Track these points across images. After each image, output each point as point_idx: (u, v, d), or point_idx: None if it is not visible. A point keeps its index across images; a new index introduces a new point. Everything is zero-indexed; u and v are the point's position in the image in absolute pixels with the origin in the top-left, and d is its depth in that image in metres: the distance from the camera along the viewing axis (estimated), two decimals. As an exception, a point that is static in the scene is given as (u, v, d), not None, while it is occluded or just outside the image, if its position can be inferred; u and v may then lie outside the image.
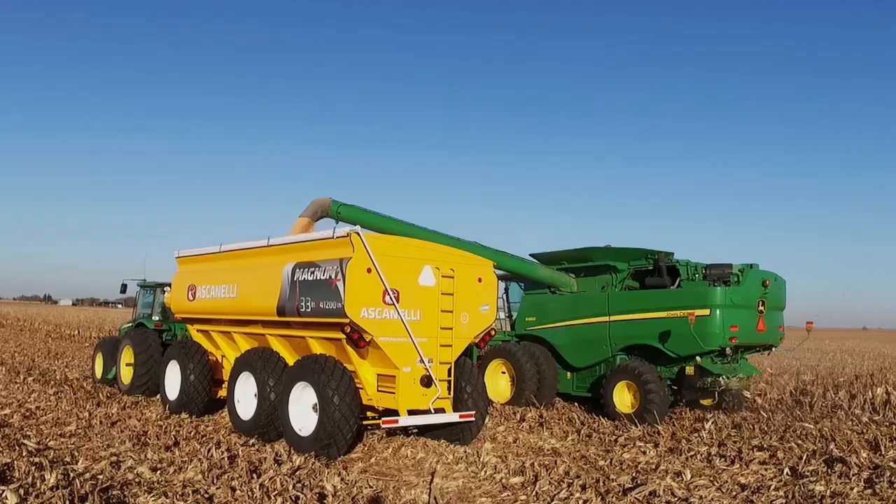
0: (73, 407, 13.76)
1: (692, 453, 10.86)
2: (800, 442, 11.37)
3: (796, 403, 16.10)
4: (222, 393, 13.61)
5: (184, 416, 13.18)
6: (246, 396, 12.06)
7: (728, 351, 14.36)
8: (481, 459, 10.21)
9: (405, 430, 11.84)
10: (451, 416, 11.11)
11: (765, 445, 11.19)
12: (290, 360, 11.79)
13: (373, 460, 10.33)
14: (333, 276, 10.49)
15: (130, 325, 18.40)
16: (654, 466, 10.06)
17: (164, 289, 17.29)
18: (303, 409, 10.82)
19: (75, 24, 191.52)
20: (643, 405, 14.15)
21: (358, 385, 10.95)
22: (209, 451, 10.06)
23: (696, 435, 12.22)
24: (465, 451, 10.64)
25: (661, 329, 14.66)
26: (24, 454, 9.41)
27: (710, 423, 13.03)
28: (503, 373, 16.65)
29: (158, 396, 14.77)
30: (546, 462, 10.20)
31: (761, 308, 14.63)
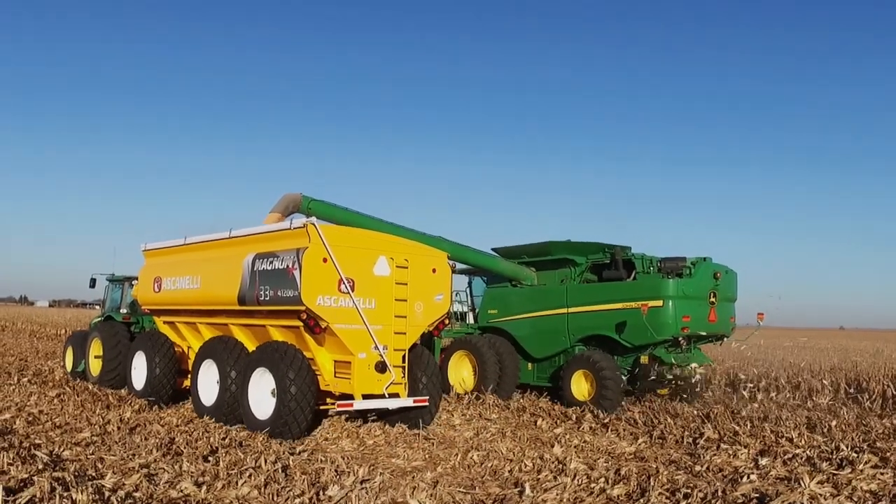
0: (81, 410, 12.45)
1: (788, 455, 9.96)
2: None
3: (853, 400, 15.92)
4: (187, 383, 13.96)
5: (207, 419, 11.97)
6: (208, 383, 12.44)
7: (681, 341, 14.91)
8: (569, 466, 9.14)
9: (364, 415, 12.25)
10: (405, 401, 11.55)
11: (863, 446, 10.47)
12: (251, 348, 12.18)
13: (439, 469, 9.18)
14: (291, 266, 10.91)
15: (100, 318, 18.68)
16: (758, 472, 8.98)
17: (132, 282, 17.58)
18: (262, 394, 11.24)
19: (48, 21, 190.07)
20: (599, 393, 14.64)
21: (316, 371, 11.39)
22: (256, 461, 8.82)
23: (782, 436, 11.25)
24: (542, 457, 9.78)
25: (617, 320, 15.18)
26: (39, 467, 8.11)
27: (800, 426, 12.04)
28: (467, 364, 17.07)
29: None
30: (638, 469, 9.12)
31: (713, 299, 15.20)
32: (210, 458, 9.07)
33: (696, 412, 13.41)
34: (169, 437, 10.37)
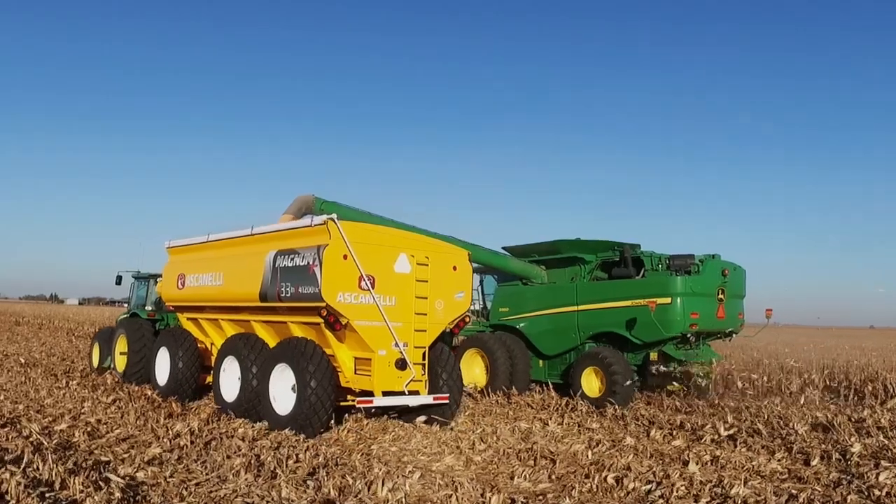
0: (144, 420, 10.54)
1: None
2: None
3: None
4: (210, 379, 13.10)
5: (288, 432, 9.77)
6: (230, 379, 11.63)
7: (690, 337, 14.05)
8: (730, 491, 7.42)
9: (385, 412, 11.34)
10: (425, 398, 10.70)
11: None
12: (273, 344, 11.35)
13: (576, 495, 7.50)
14: (311, 263, 10.09)
15: (126, 315, 17.82)
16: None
17: (157, 279, 16.72)
18: (282, 390, 10.43)
19: (70, 25, 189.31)
20: (609, 390, 13.77)
21: (336, 368, 10.54)
22: (369, 485, 7.11)
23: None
24: (691, 479, 7.93)
25: (627, 317, 14.32)
26: (118, 496, 6.52)
27: None
28: (479, 362, 16.19)
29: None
30: (815, 495, 7.44)
31: (721, 296, 14.34)
32: (310, 481, 7.30)
33: (811, 420, 11.40)
34: (254, 454, 8.37)
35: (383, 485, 7.07)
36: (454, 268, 11.24)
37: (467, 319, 11.78)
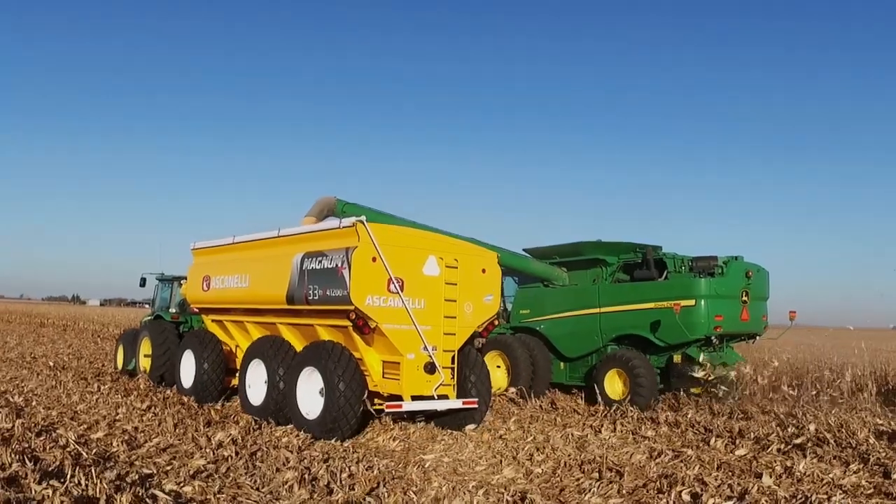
0: (183, 429, 9.85)
1: None
2: None
3: None
4: (235, 382, 12.83)
5: (336, 442, 9.42)
6: (256, 383, 11.34)
7: (714, 340, 13.70)
8: None
9: (413, 417, 11.03)
10: (455, 403, 10.37)
11: None
12: (300, 348, 11.06)
13: None
14: (340, 265, 9.80)
15: (150, 317, 17.61)
16: None
17: (181, 282, 16.47)
18: (310, 394, 10.13)
19: (88, 26, 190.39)
20: (633, 392, 13.42)
21: (364, 371, 10.25)
22: (434, 502, 6.58)
23: None
24: (767, 492, 7.25)
25: (650, 319, 13.98)
26: None
27: None
28: (499, 364, 15.83)
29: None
30: None
31: (745, 298, 13.98)
32: (370, 498, 6.70)
33: (873, 428, 10.55)
34: (304, 467, 7.75)
35: (450, 503, 6.54)
36: (483, 270, 10.93)
37: (496, 322, 11.47)
